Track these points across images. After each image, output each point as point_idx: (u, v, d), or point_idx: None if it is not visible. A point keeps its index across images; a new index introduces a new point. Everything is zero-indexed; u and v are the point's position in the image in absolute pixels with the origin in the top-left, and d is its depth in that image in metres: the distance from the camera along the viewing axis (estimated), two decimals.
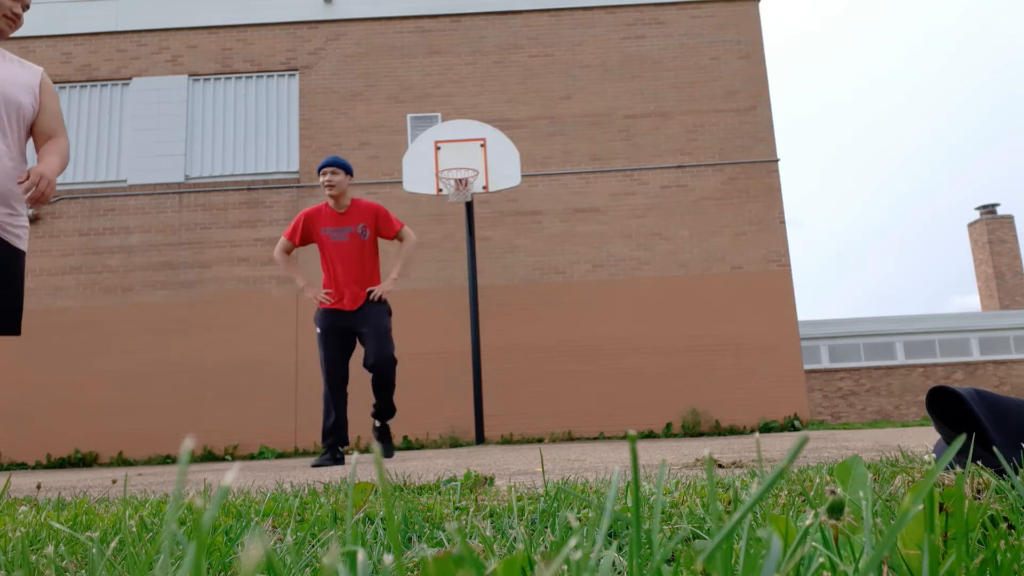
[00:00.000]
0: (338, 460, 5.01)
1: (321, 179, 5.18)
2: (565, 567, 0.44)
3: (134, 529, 1.07)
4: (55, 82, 12.23)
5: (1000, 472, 1.17)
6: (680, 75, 12.15)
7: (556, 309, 11.40)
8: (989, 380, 22.01)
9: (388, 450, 5.32)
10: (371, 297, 5.06)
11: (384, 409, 5.19)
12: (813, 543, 0.56)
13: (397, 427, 9.83)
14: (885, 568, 0.58)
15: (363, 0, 12.31)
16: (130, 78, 12.24)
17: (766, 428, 10.96)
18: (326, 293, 5.10)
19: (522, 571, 0.49)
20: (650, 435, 10.99)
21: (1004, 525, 0.76)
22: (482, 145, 8.99)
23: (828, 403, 21.85)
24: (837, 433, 7.55)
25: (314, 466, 4.89)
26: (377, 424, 5.28)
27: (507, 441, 10.84)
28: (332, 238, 5.12)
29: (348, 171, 5.22)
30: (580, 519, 1.03)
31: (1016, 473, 1.20)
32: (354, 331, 5.12)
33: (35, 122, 3.01)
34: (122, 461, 10.74)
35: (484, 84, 12.11)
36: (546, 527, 1.03)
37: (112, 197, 11.81)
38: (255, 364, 11.05)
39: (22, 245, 2.98)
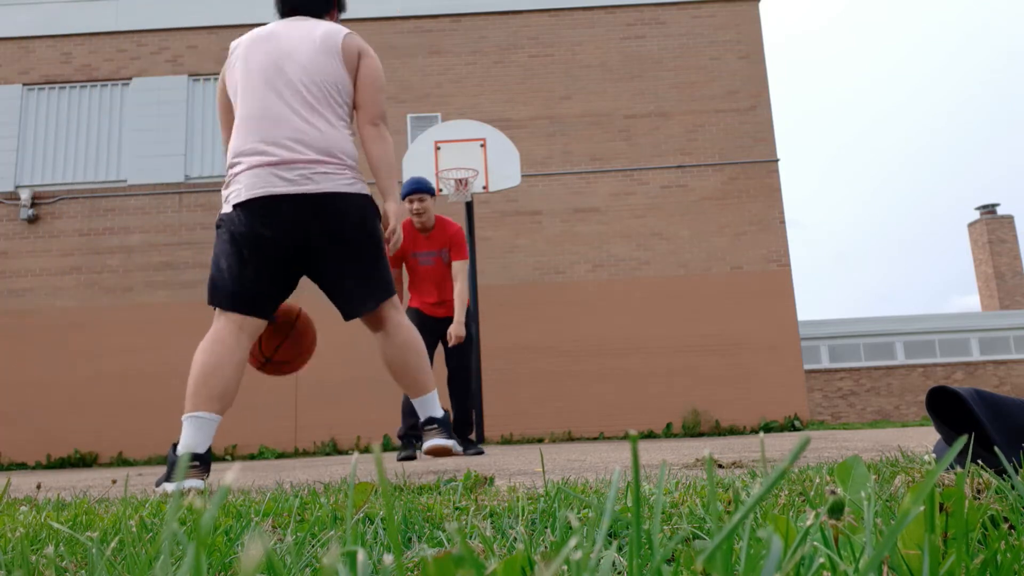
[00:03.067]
0: (411, 456, 4.86)
1: (409, 207, 4.99)
2: (565, 567, 0.44)
3: (134, 529, 1.07)
4: (55, 82, 12.23)
5: (1000, 472, 1.17)
6: (680, 75, 12.15)
7: (556, 309, 11.40)
8: (989, 380, 22.00)
9: (478, 449, 5.40)
10: (449, 345, 5.19)
11: (458, 420, 5.30)
12: (813, 543, 0.56)
13: (395, 426, 9.81)
14: (885, 568, 0.58)
15: (363, 0, 12.31)
16: (130, 78, 12.24)
17: (766, 428, 10.96)
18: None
19: (522, 571, 0.49)
20: (650, 435, 10.99)
21: (1004, 525, 0.76)
22: (482, 145, 8.98)
23: (828, 403, 21.84)
24: (837, 433, 7.55)
25: (399, 460, 4.81)
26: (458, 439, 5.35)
27: (507, 441, 10.84)
28: (420, 262, 5.15)
29: (433, 193, 5.06)
30: (580, 519, 1.03)
31: (1016, 473, 1.20)
32: (440, 332, 5.31)
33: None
34: (122, 461, 10.73)
35: (484, 84, 12.11)
36: (546, 527, 1.03)
37: (112, 197, 11.81)
38: None
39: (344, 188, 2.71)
